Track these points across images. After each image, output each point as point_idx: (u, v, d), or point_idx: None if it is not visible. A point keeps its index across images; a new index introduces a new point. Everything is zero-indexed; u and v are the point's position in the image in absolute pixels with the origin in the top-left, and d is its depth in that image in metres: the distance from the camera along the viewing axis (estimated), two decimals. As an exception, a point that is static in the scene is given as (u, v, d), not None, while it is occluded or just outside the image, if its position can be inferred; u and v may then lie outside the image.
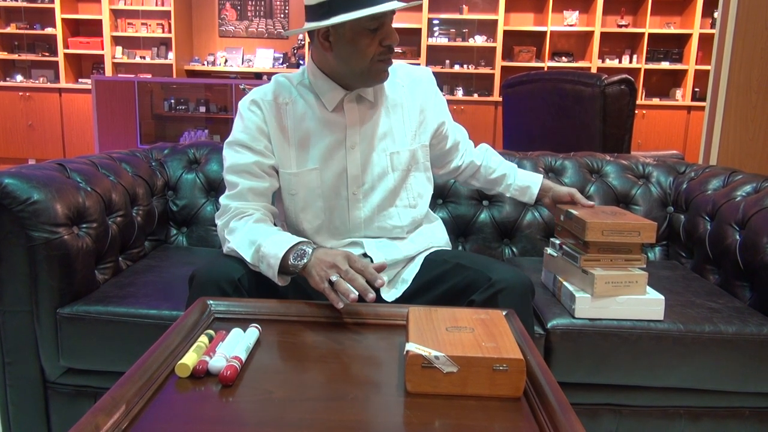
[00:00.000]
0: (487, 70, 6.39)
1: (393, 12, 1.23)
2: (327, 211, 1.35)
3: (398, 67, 1.42)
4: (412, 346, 0.84)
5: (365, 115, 1.35)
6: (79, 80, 6.45)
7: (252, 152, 1.30)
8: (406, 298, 1.32)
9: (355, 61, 1.25)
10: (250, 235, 1.20)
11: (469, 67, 6.45)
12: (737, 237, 1.63)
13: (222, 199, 1.31)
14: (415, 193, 1.41)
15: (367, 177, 1.35)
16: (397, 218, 1.38)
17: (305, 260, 1.12)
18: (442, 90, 1.43)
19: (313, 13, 1.23)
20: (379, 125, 1.36)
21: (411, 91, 1.40)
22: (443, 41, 6.39)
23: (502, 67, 6.28)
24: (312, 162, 1.32)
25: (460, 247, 1.94)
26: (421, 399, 0.82)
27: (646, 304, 1.40)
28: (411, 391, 0.84)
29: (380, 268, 1.11)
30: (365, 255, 1.34)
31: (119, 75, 6.30)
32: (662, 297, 1.41)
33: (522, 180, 1.56)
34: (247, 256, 1.19)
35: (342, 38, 1.23)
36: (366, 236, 1.37)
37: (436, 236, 1.47)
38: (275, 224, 1.33)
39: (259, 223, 1.25)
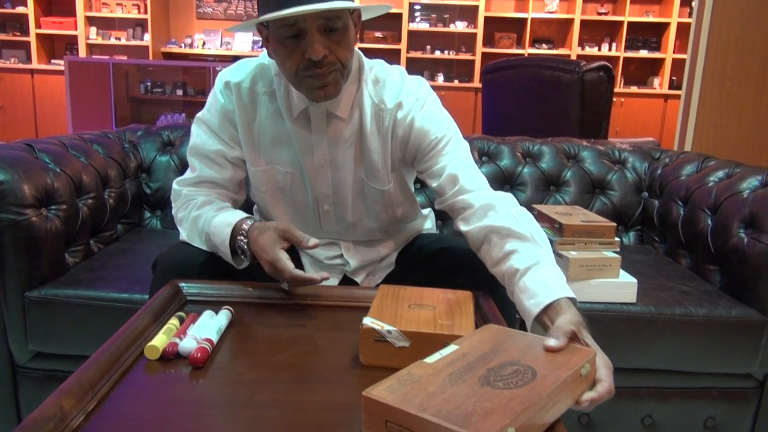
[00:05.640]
0: (467, 57, 6.38)
1: (323, 19, 1.01)
2: (298, 214, 1.28)
3: (389, 84, 1.18)
4: (368, 320, 0.86)
5: (335, 135, 1.18)
6: (52, 61, 6.29)
7: (217, 139, 1.21)
8: (387, 282, 1.29)
9: (283, 70, 1.09)
10: (197, 223, 1.16)
11: (450, 53, 6.43)
12: (709, 222, 1.65)
13: (174, 184, 1.23)
14: (393, 209, 1.28)
15: (338, 198, 1.23)
16: (372, 231, 1.30)
17: (248, 257, 1.10)
18: (422, 75, 1.29)
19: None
20: (351, 150, 1.19)
21: (396, 120, 1.17)
22: (424, 26, 6.36)
23: (483, 54, 6.27)
24: (282, 164, 1.22)
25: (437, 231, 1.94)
26: (378, 372, 0.83)
27: (619, 287, 1.42)
28: (364, 363, 0.85)
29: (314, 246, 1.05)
30: (342, 255, 1.30)
31: (93, 56, 6.16)
32: (635, 280, 1.43)
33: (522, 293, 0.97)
34: (202, 245, 1.16)
35: (271, 44, 1.08)
36: (341, 239, 1.31)
37: (416, 227, 1.40)
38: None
39: (202, 208, 1.17)
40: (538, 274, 0.96)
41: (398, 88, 1.17)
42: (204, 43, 6.50)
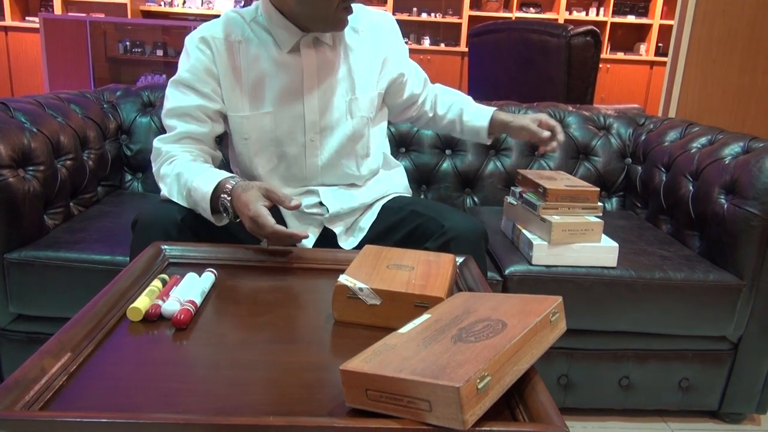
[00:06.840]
0: (454, 20, 6.28)
1: None
2: (282, 156, 1.31)
3: (357, 12, 1.33)
4: (342, 278, 0.87)
5: (323, 59, 1.28)
6: (26, 18, 6.07)
7: (197, 94, 1.24)
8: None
9: (316, 7, 1.18)
10: (179, 179, 1.17)
11: (437, 15, 6.32)
12: (690, 188, 1.67)
13: (155, 142, 1.25)
14: (373, 144, 1.38)
15: (325, 123, 1.30)
16: (354, 167, 1.35)
17: (230, 215, 1.11)
18: (408, 39, 1.37)
19: None
20: (337, 70, 1.30)
21: (372, 38, 1.34)
22: (410, -13, 6.22)
23: (470, 17, 6.17)
24: (266, 105, 1.27)
25: (422, 196, 1.94)
26: (349, 328, 0.86)
27: (600, 251, 1.44)
28: (337, 320, 0.87)
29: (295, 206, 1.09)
30: (321, 204, 1.32)
31: (69, 14, 5.95)
32: (616, 245, 1.45)
33: (470, 121, 1.46)
34: (182, 201, 1.17)
35: None
36: (322, 184, 1.34)
37: (393, 182, 1.44)
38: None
39: (186, 164, 1.20)
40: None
41: (367, 14, 1.35)
42: (184, 2, 6.30)
